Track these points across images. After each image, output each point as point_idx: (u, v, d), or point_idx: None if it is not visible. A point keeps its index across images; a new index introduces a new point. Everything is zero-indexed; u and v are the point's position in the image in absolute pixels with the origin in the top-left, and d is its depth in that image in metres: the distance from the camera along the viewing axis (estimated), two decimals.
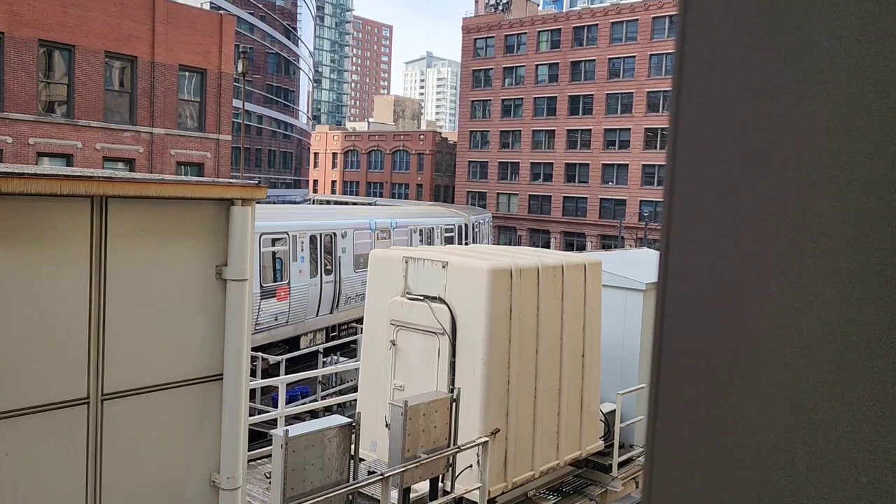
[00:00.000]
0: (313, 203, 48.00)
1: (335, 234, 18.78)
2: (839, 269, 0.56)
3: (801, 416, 0.57)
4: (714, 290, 0.63)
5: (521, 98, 66.05)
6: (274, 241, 16.74)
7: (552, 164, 63.80)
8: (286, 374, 13.59)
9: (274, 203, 36.17)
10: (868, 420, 0.54)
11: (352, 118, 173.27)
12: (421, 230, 23.51)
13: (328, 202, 45.52)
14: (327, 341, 17.67)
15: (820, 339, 0.56)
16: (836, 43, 0.56)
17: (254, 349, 16.23)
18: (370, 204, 38.38)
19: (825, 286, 0.56)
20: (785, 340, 0.58)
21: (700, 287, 0.63)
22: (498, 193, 67.57)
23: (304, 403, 13.40)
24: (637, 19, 58.68)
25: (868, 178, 0.55)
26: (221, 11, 32.73)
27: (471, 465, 8.05)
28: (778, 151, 0.59)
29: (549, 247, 57.59)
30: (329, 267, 18.32)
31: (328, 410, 12.95)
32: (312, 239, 17.86)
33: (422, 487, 7.81)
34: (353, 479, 6.85)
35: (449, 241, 24.75)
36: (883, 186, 0.54)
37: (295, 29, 60.38)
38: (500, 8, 71.93)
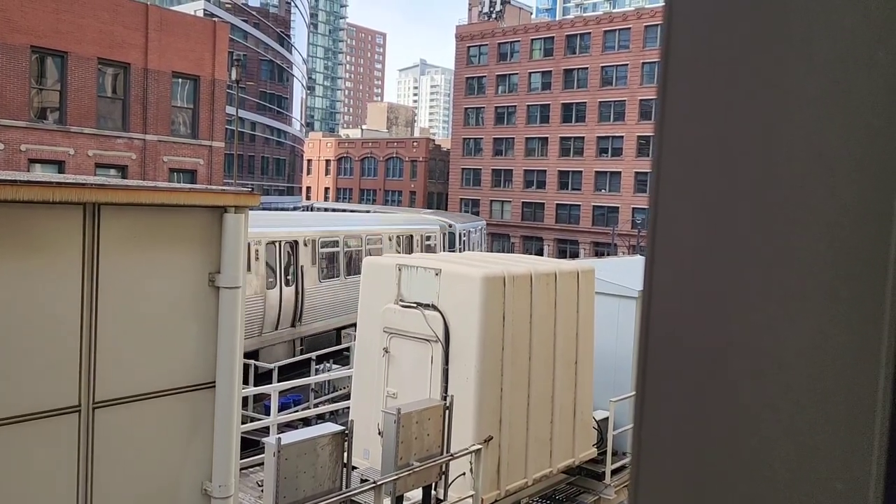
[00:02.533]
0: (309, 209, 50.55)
1: (470, 231, 31.16)
2: (816, 286, 0.58)
3: (780, 425, 0.59)
4: (697, 303, 0.64)
5: (515, 105, 66.26)
6: (469, 234, 30.27)
7: (545, 171, 63.97)
8: (278, 381, 13.56)
9: (344, 211, 41.17)
10: (841, 429, 0.56)
11: (345, 125, 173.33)
12: (475, 230, 34.39)
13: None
14: None
15: (797, 352, 0.58)
16: (810, 63, 0.58)
17: None
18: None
19: (803, 301, 0.58)
20: (764, 353, 0.60)
21: (683, 300, 0.65)
22: (491, 200, 67.67)
23: (297, 411, 13.36)
24: (629, 28, 59.04)
25: (844, 196, 0.57)
26: (215, 18, 32.76)
27: (464, 473, 8.04)
28: (758, 168, 0.61)
29: (542, 254, 57.67)
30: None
31: (321, 418, 12.91)
32: (468, 233, 30.93)
33: (415, 495, 7.80)
34: (346, 488, 6.83)
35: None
36: (858, 204, 0.56)
37: (288, 36, 60.44)
38: (494, 16, 72.24)
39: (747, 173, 0.61)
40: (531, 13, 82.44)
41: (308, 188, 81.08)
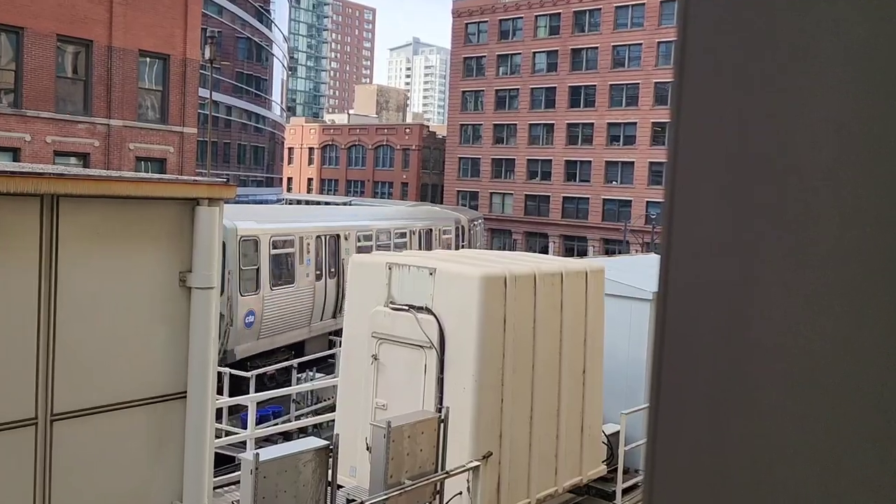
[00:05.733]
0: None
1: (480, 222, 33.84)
2: (843, 280, 0.58)
3: (807, 436, 0.59)
4: (716, 302, 0.65)
5: (517, 89, 66.27)
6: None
7: (551, 161, 64.03)
8: (256, 391, 13.57)
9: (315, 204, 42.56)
10: (873, 446, 0.56)
11: (330, 110, 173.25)
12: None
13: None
14: None
15: (825, 352, 0.59)
16: (840, 44, 0.58)
17: None
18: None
19: (829, 297, 0.59)
20: (789, 353, 0.60)
21: (701, 298, 0.66)
22: (491, 193, 67.71)
23: (277, 424, 13.36)
24: (643, 3, 59.09)
25: (872, 185, 0.57)
26: None
27: (460, 493, 8.06)
28: (780, 157, 0.61)
29: (547, 251, 57.73)
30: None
31: (303, 432, 12.92)
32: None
33: None
34: None
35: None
36: (887, 194, 0.56)
37: (268, 11, 60.31)
38: None
39: (768, 160, 0.62)
40: None
41: (289, 179, 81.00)
